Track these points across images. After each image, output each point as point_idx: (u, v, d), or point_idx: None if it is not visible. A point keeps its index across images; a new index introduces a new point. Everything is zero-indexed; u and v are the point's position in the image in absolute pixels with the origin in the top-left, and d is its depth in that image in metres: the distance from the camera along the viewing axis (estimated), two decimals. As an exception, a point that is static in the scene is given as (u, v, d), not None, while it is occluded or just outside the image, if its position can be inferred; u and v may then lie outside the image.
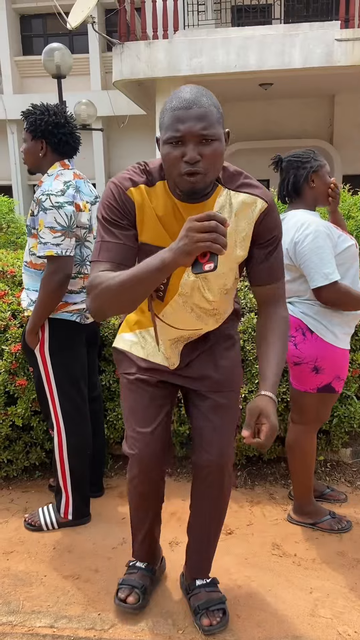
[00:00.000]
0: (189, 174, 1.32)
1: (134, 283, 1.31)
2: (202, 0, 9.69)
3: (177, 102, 1.32)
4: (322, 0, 9.76)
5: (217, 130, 1.33)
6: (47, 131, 2.22)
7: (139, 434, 1.71)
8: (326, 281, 1.99)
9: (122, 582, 1.91)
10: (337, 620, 1.81)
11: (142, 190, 1.44)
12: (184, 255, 1.22)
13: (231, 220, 1.48)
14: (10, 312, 2.68)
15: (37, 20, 12.92)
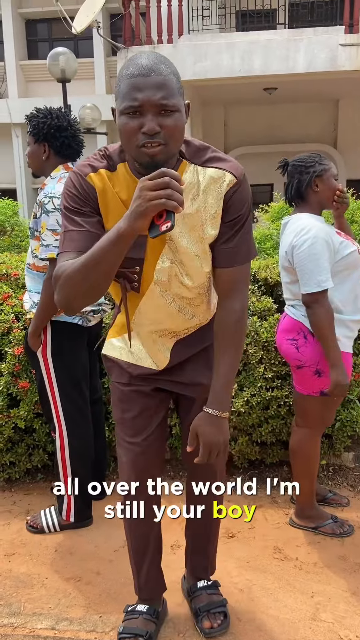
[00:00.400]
0: (148, 146, 1.24)
1: (94, 262, 1.24)
2: (206, 5, 9.72)
3: (134, 69, 1.23)
4: (326, 6, 9.78)
5: (177, 100, 1.25)
6: (49, 134, 2.23)
7: (130, 444, 1.66)
8: (318, 288, 2.01)
9: (122, 631, 1.73)
10: (338, 624, 1.81)
11: (102, 175, 1.37)
12: (138, 217, 1.16)
13: (199, 198, 1.39)
14: (14, 314, 2.70)
15: (43, 25, 12.99)
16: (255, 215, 5.01)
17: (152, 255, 1.43)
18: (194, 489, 1.76)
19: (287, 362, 2.26)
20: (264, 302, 2.70)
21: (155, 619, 1.76)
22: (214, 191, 1.39)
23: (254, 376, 2.58)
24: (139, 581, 1.79)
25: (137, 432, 1.65)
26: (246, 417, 2.57)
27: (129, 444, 1.66)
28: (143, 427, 1.65)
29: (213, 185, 1.39)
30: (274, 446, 2.71)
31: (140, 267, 1.44)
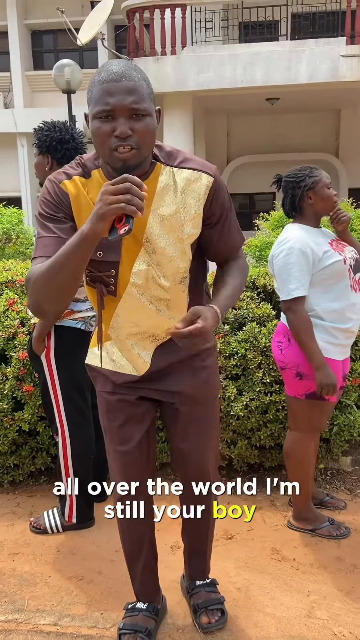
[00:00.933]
0: (120, 150, 1.28)
1: (60, 265, 1.25)
2: (209, 18, 9.86)
3: (105, 75, 1.28)
4: (328, 17, 9.91)
5: (148, 104, 1.30)
6: (51, 147, 2.33)
7: (117, 452, 1.68)
8: (288, 297, 2.09)
9: (123, 627, 1.77)
10: (333, 621, 1.86)
11: (76, 182, 1.41)
12: (99, 219, 1.18)
13: (177, 199, 1.43)
14: (19, 320, 2.76)
15: (48, 36, 13.19)
16: (256, 223, 5.09)
17: (128, 258, 1.45)
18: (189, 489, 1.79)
19: (275, 363, 2.33)
20: (263, 309, 2.76)
21: (155, 616, 1.81)
22: (193, 192, 1.43)
23: (253, 381, 2.64)
24: (135, 585, 1.83)
25: (124, 440, 1.66)
26: (245, 421, 2.63)
27: (117, 452, 1.68)
28: (130, 435, 1.66)
29: (191, 186, 1.43)
30: (273, 450, 2.76)
31: (116, 270, 1.46)
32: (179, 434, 1.73)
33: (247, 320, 2.77)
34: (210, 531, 1.90)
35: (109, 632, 1.84)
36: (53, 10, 10.71)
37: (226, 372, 2.67)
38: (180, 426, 1.71)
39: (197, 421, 1.71)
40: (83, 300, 2.36)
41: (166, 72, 8.96)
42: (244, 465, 2.80)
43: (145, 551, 1.79)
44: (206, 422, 1.73)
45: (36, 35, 13.23)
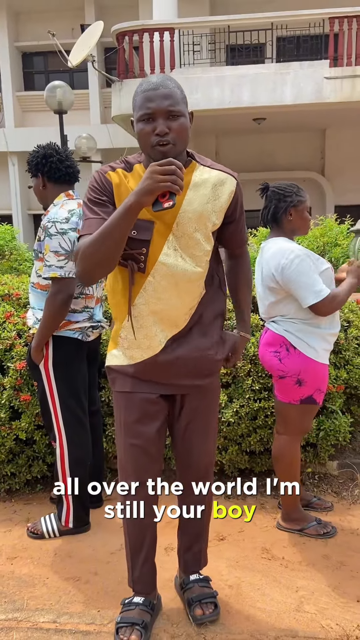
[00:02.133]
0: (160, 144, 1.54)
1: (107, 233, 1.51)
2: (197, 41, 10.13)
3: (146, 86, 1.56)
4: (311, 40, 10.22)
5: (181, 107, 1.56)
6: (39, 164, 2.45)
7: (132, 446, 1.79)
8: (319, 298, 2.18)
9: (120, 621, 1.85)
10: (320, 615, 1.95)
11: (119, 172, 1.67)
12: (147, 194, 1.44)
13: (208, 192, 1.68)
14: (16, 331, 2.86)
15: (39, 58, 13.43)
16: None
17: (158, 238, 1.65)
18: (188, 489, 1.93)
19: (270, 373, 2.42)
20: (252, 319, 2.87)
21: (151, 610, 1.89)
22: (221, 189, 1.70)
23: (243, 388, 2.74)
24: (134, 575, 1.91)
25: (138, 434, 1.78)
26: (235, 427, 2.73)
27: (131, 446, 1.79)
28: (144, 430, 1.79)
29: (219, 184, 1.70)
30: (263, 455, 2.86)
31: (147, 248, 1.65)
32: (183, 430, 1.87)
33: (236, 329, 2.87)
34: (207, 528, 2.01)
35: (106, 628, 1.91)
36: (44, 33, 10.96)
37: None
38: (185, 422, 1.85)
39: (201, 416, 1.85)
40: (80, 311, 2.46)
41: (155, 93, 9.18)
42: (234, 470, 2.89)
43: (147, 545, 1.89)
44: (209, 417, 1.88)
45: (27, 57, 13.47)
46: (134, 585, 1.92)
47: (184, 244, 1.67)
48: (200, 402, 1.86)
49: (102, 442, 2.78)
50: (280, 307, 2.33)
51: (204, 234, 1.69)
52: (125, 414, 1.81)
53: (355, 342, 2.92)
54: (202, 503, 1.96)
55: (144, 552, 1.89)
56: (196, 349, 1.78)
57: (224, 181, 1.71)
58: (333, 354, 2.89)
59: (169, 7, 9.93)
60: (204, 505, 1.97)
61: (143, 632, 1.81)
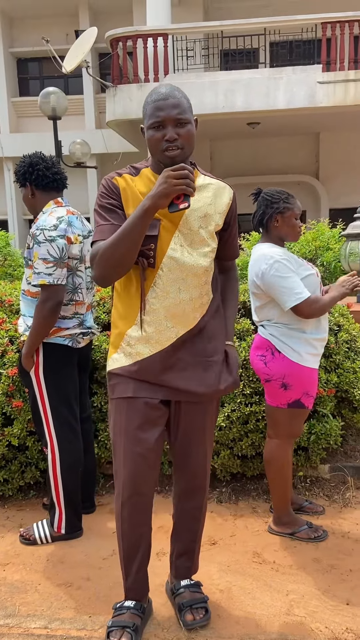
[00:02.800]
0: (169, 150, 1.66)
1: (124, 235, 1.61)
2: (190, 46, 10.18)
3: (156, 96, 1.68)
4: (304, 45, 10.28)
5: (189, 115, 1.69)
6: (26, 173, 2.48)
7: (132, 453, 1.78)
8: (298, 300, 2.20)
9: (111, 625, 1.86)
10: (310, 618, 1.96)
11: (126, 177, 1.78)
12: (163, 197, 1.56)
13: (210, 196, 1.81)
14: (8, 338, 2.87)
15: (34, 64, 13.47)
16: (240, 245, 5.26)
17: (165, 234, 1.75)
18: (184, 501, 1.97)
19: (258, 376, 2.44)
20: (242, 324, 2.90)
21: (142, 613, 1.90)
22: (221, 195, 1.84)
23: (234, 392, 2.76)
24: (127, 582, 1.91)
25: (139, 441, 1.79)
26: (227, 431, 2.74)
27: (132, 452, 1.79)
28: (145, 437, 1.79)
29: (219, 190, 1.84)
30: (254, 459, 2.87)
31: (155, 244, 1.74)
32: (181, 439, 1.89)
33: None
34: (200, 536, 2.03)
35: (97, 634, 1.92)
36: (38, 39, 11.01)
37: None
38: (183, 431, 1.88)
39: (199, 426, 1.88)
40: (70, 318, 2.48)
41: (149, 99, 9.23)
42: (227, 474, 2.90)
43: (142, 552, 1.89)
44: (206, 428, 1.90)
45: (22, 63, 13.50)
46: (127, 592, 1.92)
47: (190, 240, 1.77)
48: (197, 413, 1.87)
49: (94, 448, 2.79)
50: (265, 311, 2.35)
51: (208, 232, 1.80)
52: (127, 421, 1.80)
53: (346, 346, 2.94)
54: (197, 512, 1.98)
55: (138, 560, 1.89)
56: (202, 353, 1.83)
57: (223, 188, 1.85)
58: (324, 358, 2.91)
59: (163, 13, 9.97)
60: (199, 514, 1.99)
61: (133, 634, 1.82)
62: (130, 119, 9.33)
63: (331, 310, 3.13)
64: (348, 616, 1.96)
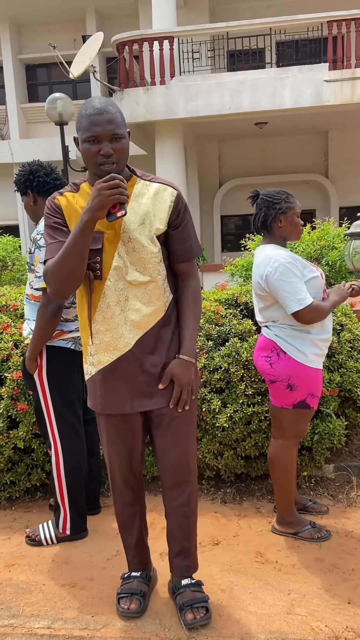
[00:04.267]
0: (106, 165, 1.71)
1: (69, 250, 1.68)
2: (196, 48, 10.20)
3: (91, 110, 1.71)
4: (310, 44, 10.25)
5: (123, 130, 1.74)
6: (27, 181, 2.53)
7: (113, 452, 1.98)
8: (301, 306, 2.20)
9: (120, 592, 2.05)
10: (311, 617, 1.96)
11: (67, 196, 1.85)
12: (99, 209, 1.62)
13: (148, 202, 1.83)
14: (13, 342, 2.91)
15: (42, 70, 13.60)
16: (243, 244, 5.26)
17: (109, 246, 1.80)
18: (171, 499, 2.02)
19: (263, 377, 2.45)
20: (244, 324, 2.91)
21: (148, 581, 2.10)
22: (161, 198, 1.85)
23: (236, 393, 2.77)
24: (129, 556, 2.11)
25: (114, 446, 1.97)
26: (230, 432, 2.75)
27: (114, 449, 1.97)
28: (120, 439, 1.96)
29: (159, 194, 1.85)
30: (258, 460, 2.88)
31: (100, 257, 1.80)
32: (159, 434, 1.95)
33: (230, 335, 2.91)
34: (193, 528, 2.05)
35: (99, 633, 1.94)
36: (46, 45, 11.11)
37: (210, 385, 2.81)
38: (159, 432, 1.94)
39: (174, 426, 1.92)
40: (72, 320, 2.51)
41: (156, 102, 9.26)
42: (231, 475, 2.91)
43: (137, 526, 2.07)
44: (183, 426, 1.94)
45: (30, 69, 13.64)
46: (129, 566, 2.12)
47: (130, 248, 1.80)
48: (167, 414, 1.92)
49: (99, 449, 2.82)
50: (270, 312, 2.36)
51: (148, 237, 1.82)
52: (104, 426, 1.98)
53: (349, 345, 2.94)
54: (185, 508, 2.01)
55: (135, 533, 2.07)
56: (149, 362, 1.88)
57: (163, 191, 1.86)
58: (327, 358, 2.91)
59: (169, 16, 10.00)
60: (187, 511, 2.01)
61: (142, 600, 2.02)
62: (138, 123, 9.37)
63: (334, 310, 3.12)
64: (349, 615, 1.96)
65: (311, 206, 12.86)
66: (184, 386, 1.88)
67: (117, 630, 1.95)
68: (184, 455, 1.95)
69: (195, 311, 1.93)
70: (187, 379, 1.88)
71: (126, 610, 1.99)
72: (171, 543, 2.04)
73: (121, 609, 2.00)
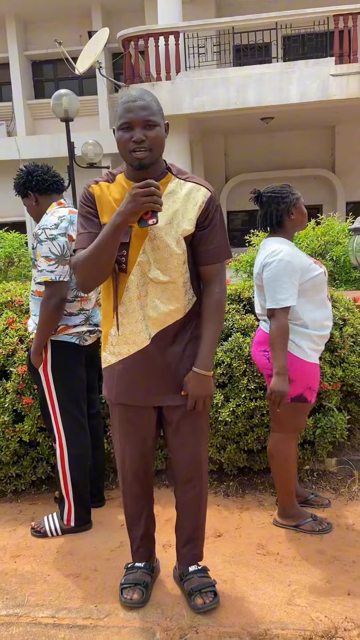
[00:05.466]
0: (137, 151, 1.70)
1: (99, 248, 1.71)
2: (202, 43, 10.18)
3: (126, 98, 1.72)
4: (317, 38, 10.21)
5: (157, 118, 1.72)
6: (27, 182, 2.55)
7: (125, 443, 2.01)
8: (276, 305, 2.23)
9: (124, 582, 2.09)
10: (311, 608, 1.99)
11: (101, 185, 1.86)
12: (132, 214, 1.64)
13: (180, 202, 1.83)
14: (18, 337, 2.95)
15: (48, 66, 13.62)
16: (248, 239, 5.27)
17: (136, 242, 1.81)
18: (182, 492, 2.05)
19: (261, 371, 2.47)
20: (247, 320, 2.92)
21: (151, 572, 2.13)
22: (192, 199, 1.84)
23: (239, 388, 2.79)
24: (133, 548, 2.15)
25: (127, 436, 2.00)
26: (232, 426, 2.78)
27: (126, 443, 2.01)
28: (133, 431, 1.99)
29: (192, 194, 1.84)
30: (261, 453, 2.90)
31: (127, 250, 1.82)
32: (172, 430, 1.98)
33: (233, 331, 2.93)
34: (203, 520, 2.10)
35: (103, 622, 1.98)
36: (52, 41, 11.12)
37: (213, 380, 2.83)
38: (172, 426, 1.98)
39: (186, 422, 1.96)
40: (77, 314, 2.53)
41: (162, 97, 9.25)
42: (234, 469, 2.94)
43: (144, 519, 2.10)
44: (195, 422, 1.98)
45: (36, 66, 13.67)
46: (133, 556, 2.15)
47: (155, 246, 1.81)
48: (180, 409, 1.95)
49: (103, 443, 2.85)
50: None
51: (174, 238, 1.82)
52: (117, 417, 2.01)
53: (351, 340, 2.95)
54: (196, 501, 2.05)
55: (141, 527, 2.11)
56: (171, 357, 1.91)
57: (196, 191, 1.84)
58: (329, 352, 2.92)
59: (174, 11, 10.00)
60: (198, 503, 2.05)
61: (144, 591, 2.05)
62: (143, 118, 9.38)
63: (336, 304, 3.14)
64: (349, 606, 1.99)
65: (318, 201, 12.83)
66: (198, 399, 1.89)
67: (120, 620, 1.98)
68: (196, 452, 1.99)
69: (215, 323, 1.89)
70: (200, 392, 1.88)
71: (129, 601, 2.03)
72: (180, 533, 2.10)
73: (124, 599, 2.04)
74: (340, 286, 4.60)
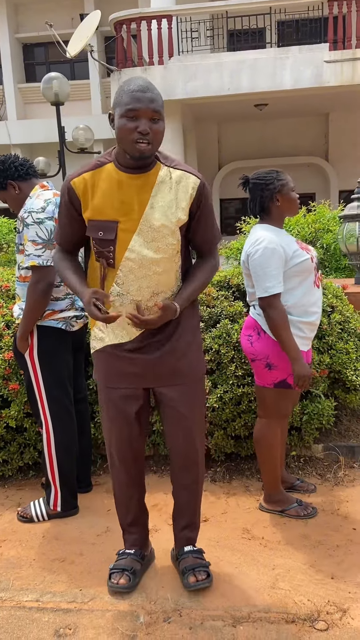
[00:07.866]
0: (140, 142, 1.68)
1: (65, 281, 1.89)
2: (195, 27, 10.06)
3: (134, 87, 1.68)
4: (311, 24, 10.11)
5: (163, 112, 1.72)
6: (6, 171, 2.48)
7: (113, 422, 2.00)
8: (265, 294, 2.22)
9: (113, 567, 2.09)
10: (294, 591, 2.00)
11: (85, 177, 1.81)
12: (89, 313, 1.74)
13: (172, 189, 1.81)
14: (4, 322, 2.92)
15: (40, 49, 13.43)
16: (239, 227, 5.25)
17: (124, 235, 1.80)
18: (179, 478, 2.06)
19: (246, 356, 2.47)
20: (235, 306, 2.92)
21: (141, 559, 2.12)
22: (184, 187, 1.82)
23: (226, 374, 2.79)
24: (124, 535, 2.16)
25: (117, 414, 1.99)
26: (220, 412, 2.78)
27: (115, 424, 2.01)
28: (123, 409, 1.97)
29: (182, 182, 1.82)
30: (248, 439, 2.91)
31: (113, 246, 1.80)
32: (166, 417, 1.99)
33: (221, 317, 2.92)
34: (199, 504, 2.12)
35: (87, 606, 1.98)
36: (43, 24, 10.95)
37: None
38: (167, 408, 1.98)
39: (181, 404, 1.96)
40: (63, 299, 2.51)
41: (155, 82, 9.14)
42: (221, 454, 2.94)
43: (134, 507, 2.10)
44: (195, 401, 1.99)
45: (28, 49, 13.47)
46: (125, 543, 2.15)
47: (150, 237, 1.79)
48: (174, 392, 1.95)
49: (90, 428, 2.84)
50: (254, 292, 2.37)
51: (169, 228, 1.81)
52: (105, 397, 2.02)
53: (339, 327, 2.95)
54: (194, 486, 2.06)
55: (132, 514, 2.11)
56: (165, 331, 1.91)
57: (186, 179, 1.83)
58: (317, 339, 2.93)
59: (168, -6, 9.87)
60: (196, 488, 2.07)
61: (132, 577, 2.05)
62: (135, 103, 9.29)
63: (325, 291, 3.13)
64: (332, 590, 2.00)
65: (311, 189, 12.79)
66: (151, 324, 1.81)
67: (104, 603, 1.99)
68: (191, 439, 2.00)
69: (204, 281, 1.95)
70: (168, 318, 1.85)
71: (115, 585, 2.04)
72: (178, 518, 2.12)
73: (111, 583, 2.05)
74: (330, 274, 4.61)
